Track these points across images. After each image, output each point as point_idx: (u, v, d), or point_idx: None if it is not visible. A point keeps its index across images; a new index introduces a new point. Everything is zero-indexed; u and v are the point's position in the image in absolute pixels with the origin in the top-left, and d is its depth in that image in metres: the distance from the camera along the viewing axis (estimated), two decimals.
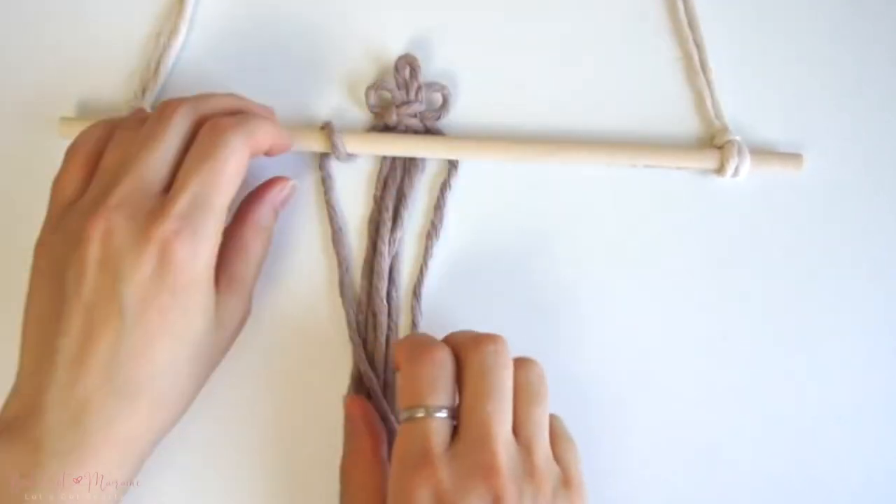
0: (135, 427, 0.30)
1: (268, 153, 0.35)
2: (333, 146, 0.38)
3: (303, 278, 0.39)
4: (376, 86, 0.39)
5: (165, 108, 0.33)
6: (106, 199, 0.30)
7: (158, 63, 0.40)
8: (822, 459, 0.38)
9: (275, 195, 0.37)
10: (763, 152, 0.39)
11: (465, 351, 0.31)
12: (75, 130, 0.38)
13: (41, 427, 0.29)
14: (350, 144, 0.38)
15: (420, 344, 0.32)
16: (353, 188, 0.40)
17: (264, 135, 0.33)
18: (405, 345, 0.32)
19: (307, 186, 0.39)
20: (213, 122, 0.32)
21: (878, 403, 0.38)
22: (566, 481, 0.30)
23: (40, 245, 0.33)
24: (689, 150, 0.39)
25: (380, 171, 0.40)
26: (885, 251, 0.39)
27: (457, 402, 0.31)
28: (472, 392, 0.30)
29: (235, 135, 0.32)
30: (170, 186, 0.32)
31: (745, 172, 0.38)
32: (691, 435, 0.38)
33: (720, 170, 0.38)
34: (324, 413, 0.37)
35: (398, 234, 0.39)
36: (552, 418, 0.32)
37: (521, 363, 0.32)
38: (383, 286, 0.38)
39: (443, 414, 0.30)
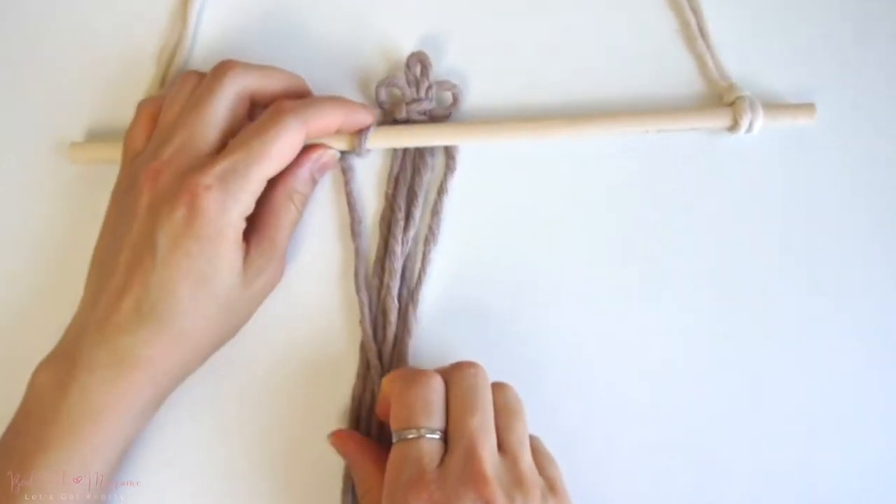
0: (157, 354, 0.33)
1: (341, 132, 0.38)
2: (358, 141, 0.38)
3: (312, 274, 0.39)
4: (386, 82, 0.39)
5: (217, 71, 0.36)
6: (160, 154, 0.34)
7: (163, 80, 0.40)
8: (825, 457, 0.37)
9: (313, 161, 0.38)
10: (774, 105, 0.39)
11: (448, 377, 0.33)
12: (85, 155, 0.39)
13: (78, 346, 0.33)
14: (370, 139, 0.38)
15: (413, 372, 0.34)
16: (363, 185, 0.40)
17: (319, 120, 0.36)
18: (397, 374, 0.34)
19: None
20: (277, 103, 0.35)
21: None
22: (552, 489, 0.32)
23: (113, 194, 0.37)
24: (702, 110, 0.39)
25: (391, 169, 0.39)
26: None
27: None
28: (458, 411, 0.32)
29: (294, 118, 0.34)
30: (220, 149, 0.34)
31: (759, 126, 0.39)
32: (706, 427, 0.37)
33: (734, 126, 0.39)
34: (328, 411, 0.37)
35: (411, 234, 0.38)
36: (533, 439, 0.34)
37: (497, 386, 0.34)
38: (395, 285, 0.38)
39: (435, 436, 0.31)
